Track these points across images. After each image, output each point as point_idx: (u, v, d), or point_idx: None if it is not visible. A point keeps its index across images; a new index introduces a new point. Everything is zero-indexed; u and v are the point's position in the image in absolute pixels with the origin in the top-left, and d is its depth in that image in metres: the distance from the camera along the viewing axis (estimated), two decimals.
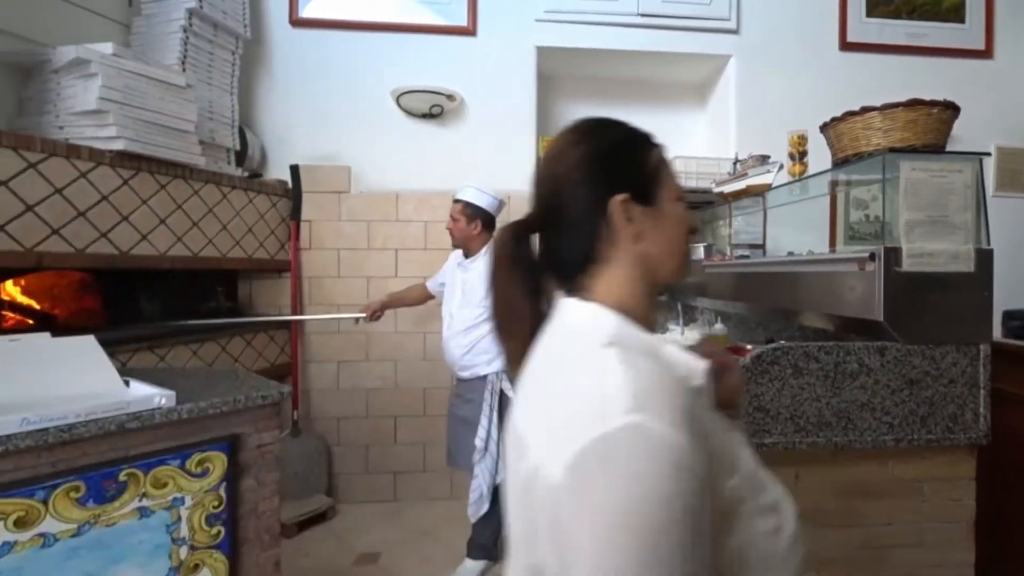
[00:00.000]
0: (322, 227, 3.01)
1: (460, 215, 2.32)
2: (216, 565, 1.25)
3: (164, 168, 2.24)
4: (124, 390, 1.25)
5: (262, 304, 2.98)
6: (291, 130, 3.07)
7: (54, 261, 1.85)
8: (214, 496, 1.25)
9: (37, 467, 1.03)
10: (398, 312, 3.00)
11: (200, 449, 1.23)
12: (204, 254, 2.45)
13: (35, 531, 1.01)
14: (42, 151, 1.81)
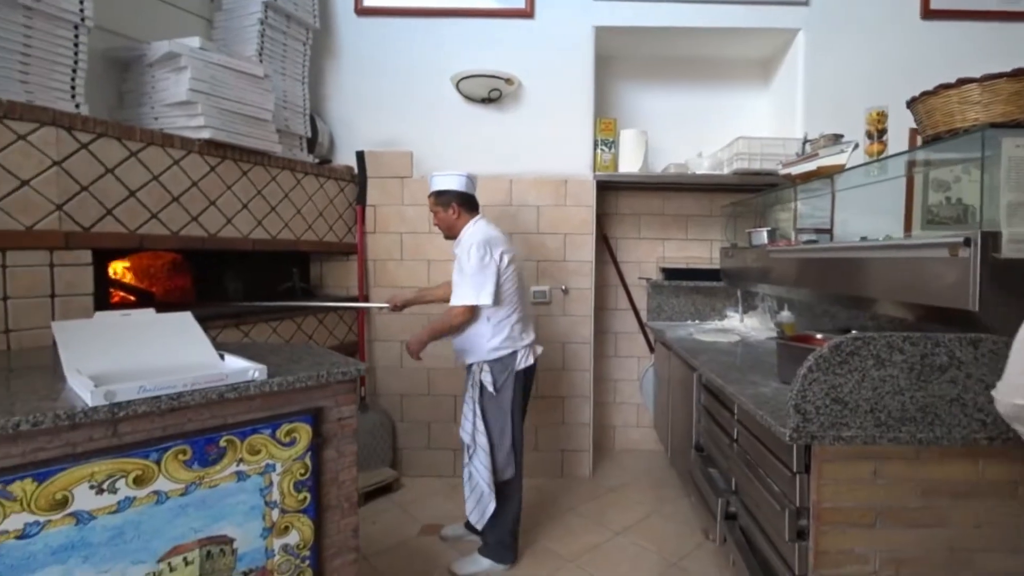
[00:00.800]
0: (386, 211, 3.08)
1: (435, 207, 2.26)
2: (303, 528, 1.32)
3: (245, 155, 2.34)
4: (221, 363, 1.33)
5: (331, 285, 3.09)
6: (357, 117, 3.13)
7: (153, 243, 1.98)
8: (301, 464, 1.31)
9: (151, 431, 1.11)
10: None
11: (288, 420, 1.30)
12: (281, 237, 2.55)
13: (150, 489, 1.09)
14: (141, 140, 1.93)
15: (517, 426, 2.16)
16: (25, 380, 1.23)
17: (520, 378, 2.16)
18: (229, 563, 1.20)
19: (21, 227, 1.62)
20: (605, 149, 3.10)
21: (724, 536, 1.88)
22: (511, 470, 2.14)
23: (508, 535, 2.16)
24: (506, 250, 2.15)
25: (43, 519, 0.98)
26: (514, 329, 2.14)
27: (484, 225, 2.23)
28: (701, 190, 3.40)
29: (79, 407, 1.01)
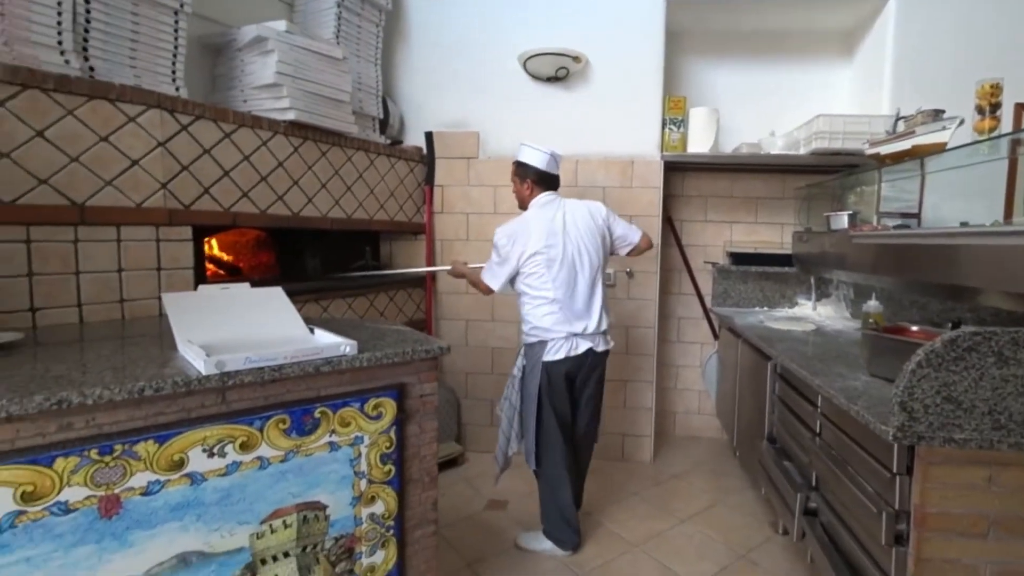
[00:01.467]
0: (453, 191, 3.07)
1: (514, 176, 2.23)
2: (388, 499, 1.34)
3: (325, 136, 2.38)
4: (312, 337, 1.36)
5: (401, 263, 3.12)
6: (426, 97, 3.12)
7: (244, 220, 2.04)
8: (386, 438, 1.33)
9: (255, 399, 1.14)
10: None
11: (375, 395, 1.31)
12: (355, 216, 2.59)
13: (255, 454, 1.13)
14: (234, 122, 1.98)
15: (545, 417, 2.04)
16: (141, 348, 1.30)
17: (549, 370, 2.03)
18: (323, 528, 1.23)
19: (132, 204, 1.70)
20: (673, 128, 2.95)
21: (803, 532, 1.79)
22: (532, 460, 2.07)
23: (562, 522, 2.08)
24: (536, 244, 2.02)
25: (163, 478, 1.03)
26: (545, 319, 2.04)
27: (535, 210, 2.13)
28: (773, 171, 3.20)
29: (193, 375, 1.04)
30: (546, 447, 2.06)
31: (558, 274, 2.03)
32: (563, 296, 2.03)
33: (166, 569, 1.03)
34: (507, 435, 2.13)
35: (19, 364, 1.11)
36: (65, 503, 0.94)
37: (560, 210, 2.12)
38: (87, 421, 0.96)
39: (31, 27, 1.53)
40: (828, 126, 2.63)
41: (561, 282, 2.03)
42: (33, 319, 1.52)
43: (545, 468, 2.08)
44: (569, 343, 2.05)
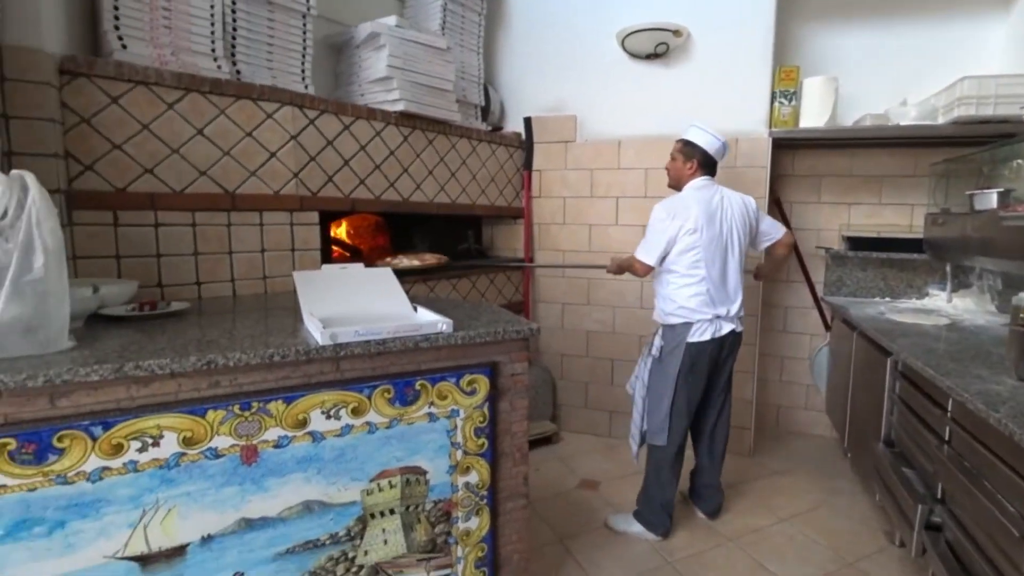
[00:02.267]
0: (550, 176, 3.04)
1: (678, 153, 2.11)
2: (481, 470, 1.38)
3: (431, 125, 2.45)
4: (414, 315, 1.42)
5: (500, 247, 3.18)
6: (524, 83, 3.09)
7: (362, 206, 2.18)
8: (480, 413, 1.37)
9: (364, 370, 1.23)
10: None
11: (470, 371, 1.35)
12: (459, 201, 2.66)
13: (364, 419, 1.22)
14: (352, 115, 2.10)
15: (679, 398, 2.01)
16: (277, 319, 1.44)
17: (692, 351, 1.99)
18: (423, 491, 1.30)
19: (271, 192, 1.89)
20: (784, 102, 2.66)
21: (923, 547, 1.58)
22: (662, 438, 2.02)
23: (659, 507, 2.05)
24: (695, 221, 1.95)
25: (290, 434, 1.14)
26: (693, 300, 1.98)
27: (695, 189, 2.06)
28: (903, 145, 2.78)
29: (312, 345, 1.14)
30: (666, 425, 2.03)
31: (712, 255, 1.98)
32: (714, 277, 1.99)
33: (294, 513, 1.16)
34: (641, 412, 2.12)
35: (185, 329, 1.28)
36: (215, 449, 1.07)
37: (718, 194, 2.06)
38: (231, 380, 1.09)
39: (191, 38, 1.72)
40: (976, 90, 2.23)
41: (713, 263, 1.98)
42: (199, 291, 1.75)
43: (664, 448, 2.05)
44: (715, 325, 2.00)
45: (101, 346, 1.09)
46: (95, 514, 0.99)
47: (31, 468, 0.93)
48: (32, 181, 0.98)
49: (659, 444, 2.04)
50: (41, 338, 1.01)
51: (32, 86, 1.41)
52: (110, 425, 0.98)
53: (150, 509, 1.03)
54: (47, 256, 0.98)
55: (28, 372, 0.90)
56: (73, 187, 1.54)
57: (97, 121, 1.57)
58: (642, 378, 2.12)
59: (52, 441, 0.94)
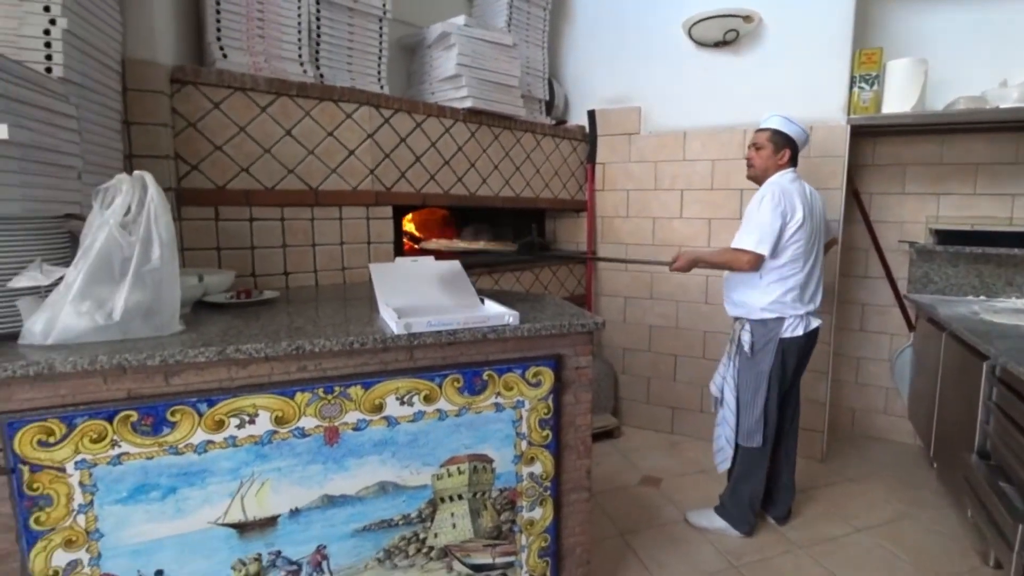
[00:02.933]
0: (613, 169, 2.96)
1: (767, 142, 1.96)
2: (545, 461, 1.38)
3: (497, 121, 2.45)
4: (481, 306, 1.43)
5: (563, 240, 3.14)
6: (588, 76, 3.02)
7: (432, 200, 2.23)
8: (544, 405, 1.36)
9: (435, 359, 1.25)
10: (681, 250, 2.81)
11: (535, 363, 1.34)
12: (524, 195, 2.66)
13: (435, 407, 1.25)
14: (424, 113, 2.14)
15: (772, 396, 1.90)
16: (355, 309, 1.50)
17: (785, 347, 1.89)
18: (489, 479, 1.32)
19: (349, 188, 1.96)
20: (865, 87, 2.44)
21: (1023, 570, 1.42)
22: (758, 439, 1.91)
23: (747, 505, 1.98)
24: (801, 213, 1.84)
25: (368, 418, 1.19)
26: (788, 295, 1.87)
27: (789, 181, 1.91)
28: (1003, 130, 2.48)
29: (388, 334, 1.17)
30: (760, 426, 1.92)
31: (808, 249, 1.89)
32: (808, 272, 1.90)
33: (371, 493, 1.20)
34: (734, 414, 1.95)
35: (275, 316, 1.36)
36: (302, 429, 1.13)
37: (806, 187, 1.96)
38: (316, 365, 1.14)
39: (281, 45, 1.81)
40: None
41: (808, 258, 1.90)
42: (286, 281, 1.86)
43: (757, 450, 1.93)
44: (805, 320, 1.91)
45: (205, 330, 1.18)
46: (201, 483, 1.07)
47: (149, 439, 1.03)
48: (151, 181, 1.06)
49: (754, 446, 1.92)
50: (157, 322, 1.10)
51: (149, 95, 1.53)
52: (214, 403, 1.06)
53: (246, 481, 1.10)
54: (162, 248, 1.06)
55: (147, 352, 0.99)
56: (182, 185, 1.67)
57: (202, 125, 1.68)
58: (730, 378, 1.97)
59: (166, 415, 1.03)
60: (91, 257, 1.00)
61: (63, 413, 0.97)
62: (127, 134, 1.51)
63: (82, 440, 0.98)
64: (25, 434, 0.95)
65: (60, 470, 0.98)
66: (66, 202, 1.15)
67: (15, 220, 1.03)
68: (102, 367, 0.96)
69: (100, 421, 0.99)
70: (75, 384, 0.98)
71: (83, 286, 1.00)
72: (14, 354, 0.96)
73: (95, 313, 1.02)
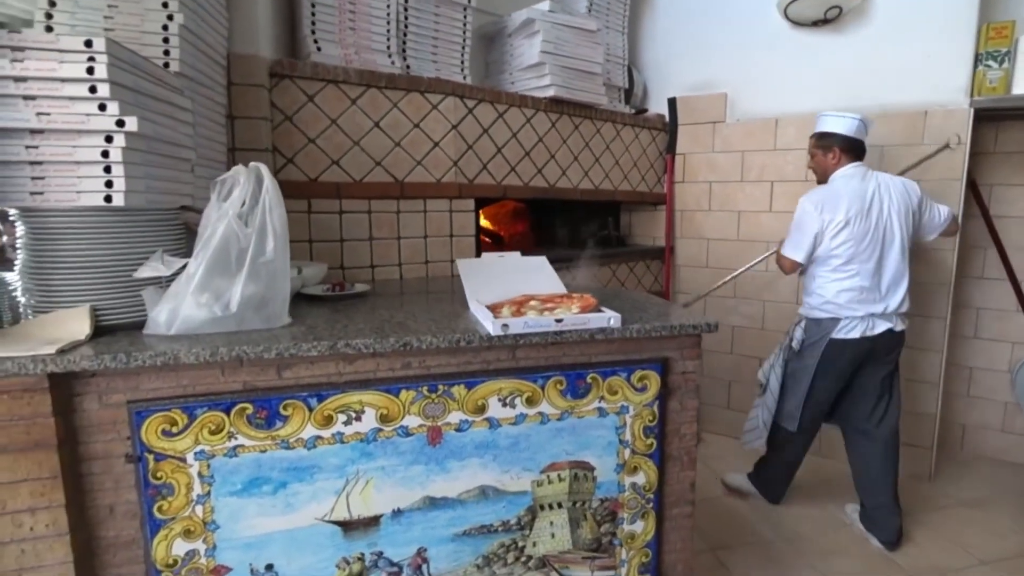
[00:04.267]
0: (695, 159, 2.79)
1: (815, 149, 1.97)
2: (649, 472, 1.29)
3: (577, 110, 2.35)
4: None
5: (639, 234, 3.01)
6: (669, 61, 2.86)
7: (513, 192, 2.16)
8: (649, 411, 1.27)
9: (537, 359, 1.19)
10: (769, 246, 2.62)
11: (640, 367, 1.25)
12: (602, 187, 2.55)
13: (537, 410, 1.18)
14: (506, 103, 2.08)
15: (816, 391, 1.92)
16: (447, 304, 1.46)
17: (835, 347, 1.86)
18: (590, 488, 1.25)
19: (433, 180, 1.93)
20: (992, 65, 2.16)
21: None
22: (793, 424, 1.96)
23: (779, 477, 2.12)
24: (845, 214, 1.80)
25: (470, 419, 1.14)
26: (842, 295, 1.84)
27: (843, 181, 1.87)
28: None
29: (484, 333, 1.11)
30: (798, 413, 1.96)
31: (864, 250, 1.82)
32: (867, 273, 1.82)
33: (471, 496, 1.16)
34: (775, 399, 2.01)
35: (372, 310, 1.34)
36: (406, 428, 1.10)
37: (872, 181, 1.85)
38: (420, 362, 1.10)
39: (371, 37, 1.79)
40: None
41: (867, 258, 1.82)
42: (372, 274, 1.85)
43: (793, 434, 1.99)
44: (866, 323, 1.86)
45: (311, 323, 1.16)
46: (310, 478, 1.06)
47: (263, 432, 1.02)
48: (266, 172, 1.05)
49: (789, 428, 1.97)
50: (268, 313, 1.10)
51: (251, 89, 1.55)
52: (323, 398, 1.04)
53: (352, 479, 1.08)
54: (276, 240, 1.05)
55: (264, 345, 0.98)
56: (278, 178, 1.68)
57: (297, 118, 1.69)
58: (777, 367, 2.00)
59: (279, 408, 1.02)
60: (211, 249, 1.00)
61: (185, 404, 0.97)
62: (231, 128, 1.53)
63: (202, 431, 0.99)
64: (151, 423, 0.96)
65: (182, 460, 0.99)
66: (182, 194, 1.16)
67: (138, 212, 1.05)
68: (222, 359, 0.95)
69: (218, 412, 0.99)
70: (196, 375, 0.98)
71: (203, 277, 1.00)
72: (140, 344, 0.97)
73: (213, 304, 1.02)
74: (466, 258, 1.70)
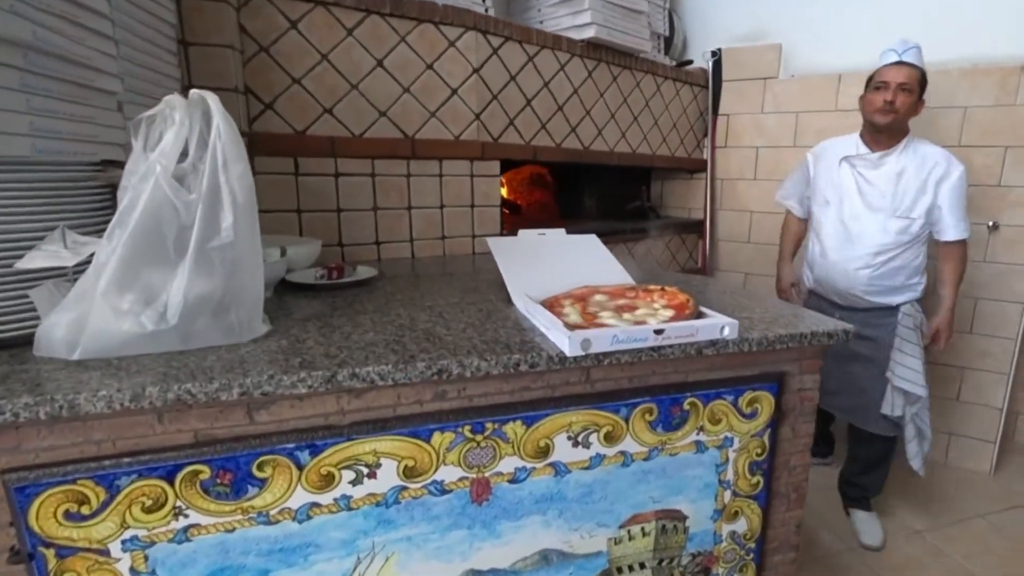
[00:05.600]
0: (740, 121, 2.36)
1: (917, 84, 1.54)
2: (752, 516, 0.95)
3: (618, 58, 1.91)
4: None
5: (672, 205, 2.61)
6: (715, 8, 2.40)
7: (544, 155, 1.74)
8: (758, 442, 0.92)
9: (618, 380, 0.82)
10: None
11: (751, 387, 0.89)
12: (640, 151, 2.13)
13: (618, 448, 0.83)
14: (537, 43, 1.64)
15: None
16: (476, 294, 1.07)
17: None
18: (680, 541, 0.90)
19: (451, 136, 1.51)
20: None
21: None
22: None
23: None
24: None
25: (529, 466, 0.78)
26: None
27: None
28: None
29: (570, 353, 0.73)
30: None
31: None
32: None
33: (530, 565, 0.81)
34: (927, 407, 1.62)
35: (384, 305, 0.95)
36: (441, 483, 0.74)
37: None
38: (459, 390, 0.73)
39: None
40: None
41: None
42: (378, 252, 1.46)
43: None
44: None
45: (298, 333, 0.78)
46: (303, 562, 0.70)
47: (228, 504, 0.65)
48: (216, 105, 0.65)
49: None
50: (233, 320, 0.71)
51: (210, 5, 1.11)
52: (319, 450, 0.67)
53: (365, 557, 0.73)
54: (236, 212, 0.65)
55: (221, 379, 0.60)
56: (253, 129, 1.27)
57: (276, 50, 1.26)
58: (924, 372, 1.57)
59: (251, 469, 0.65)
60: (131, 225, 0.60)
61: (99, 470, 0.60)
62: (184, 57, 1.10)
63: (131, 509, 0.62)
64: (46, 503, 0.59)
65: (102, 552, 0.62)
66: (103, 143, 0.76)
67: (28, 167, 0.65)
68: (152, 403, 0.58)
69: (155, 481, 0.62)
70: (115, 425, 0.60)
71: (121, 270, 0.61)
72: (21, 375, 0.59)
73: (141, 313, 0.63)
74: (495, 236, 1.30)
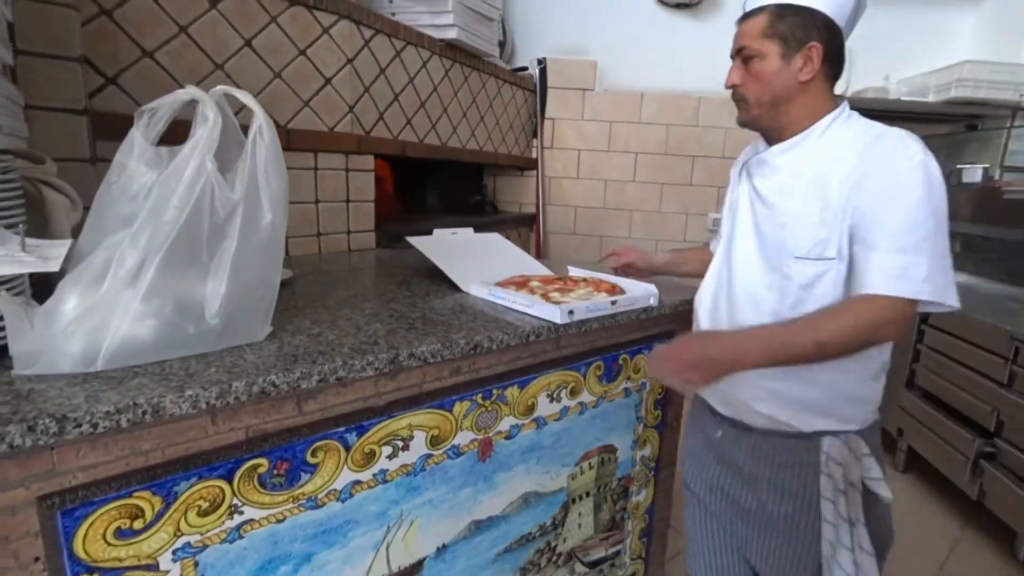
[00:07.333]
0: (564, 126, 2.95)
1: (763, 41, 0.88)
2: (654, 442, 1.37)
3: (470, 60, 2.23)
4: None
5: (505, 200, 3.05)
6: (540, 19, 2.95)
7: (411, 150, 1.94)
8: (660, 384, 1.34)
9: (578, 346, 1.12)
10: (632, 215, 3.00)
11: (658, 340, 1.30)
12: (485, 148, 2.49)
13: (578, 400, 1.13)
14: (404, 39, 1.83)
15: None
16: (431, 284, 1.25)
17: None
18: (612, 470, 1.26)
19: (325, 128, 1.59)
20: None
21: None
22: None
23: None
24: None
25: (520, 422, 1.02)
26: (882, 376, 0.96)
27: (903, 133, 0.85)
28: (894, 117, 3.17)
29: (560, 321, 1.00)
30: None
31: None
32: None
33: (514, 509, 1.06)
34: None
35: (351, 303, 1.06)
36: (458, 447, 0.93)
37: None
38: (469, 365, 0.94)
39: None
40: (973, 73, 2.60)
41: None
42: None
43: None
44: None
45: (296, 328, 0.87)
46: (342, 540, 0.81)
47: (281, 493, 0.73)
48: (254, 104, 0.72)
49: None
50: (249, 320, 0.77)
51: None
52: (364, 429, 0.80)
53: (394, 524, 0.87)
54: (274, 210, 0.74)
55: (301, 369, 0.69)
56: (93, 105, 1.16)
57: (121, 15, 1.19)
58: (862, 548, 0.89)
59: (306, 456, 0.75)
60: (170, 226, 0.64)
61: (154, 479, 0.63)
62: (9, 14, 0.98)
63: (186, 515, 0.66)
64: (96, 523, 0.59)
65: (150, 568, 0.64)
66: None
67: None
68: (237, 398, 0.64)
69: (214, 481, 0.67)
70: (165, 432, 0.64)
71: (159, 272, 0.64)
72: (49, 394, 0.58)
73: (181, 316, 0.67)
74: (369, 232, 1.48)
